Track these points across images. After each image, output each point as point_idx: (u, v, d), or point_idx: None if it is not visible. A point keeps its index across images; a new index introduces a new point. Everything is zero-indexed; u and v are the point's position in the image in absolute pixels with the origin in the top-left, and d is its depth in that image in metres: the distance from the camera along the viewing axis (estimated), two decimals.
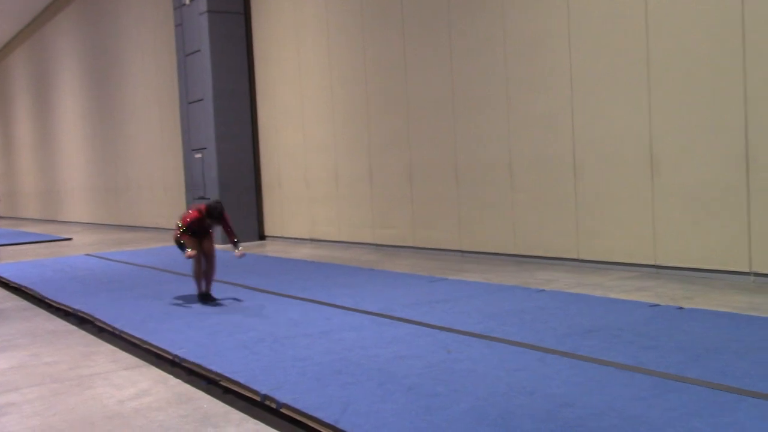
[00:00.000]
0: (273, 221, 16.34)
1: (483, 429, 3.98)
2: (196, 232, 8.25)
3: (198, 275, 8.33)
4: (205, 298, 8.32)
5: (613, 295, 7.56)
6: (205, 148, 16.28)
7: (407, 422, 4.15)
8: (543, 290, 8.01)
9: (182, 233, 8.11)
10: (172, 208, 19.01)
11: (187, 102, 16.95)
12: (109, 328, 7.34)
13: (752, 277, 7.82)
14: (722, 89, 7.95)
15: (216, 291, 8.65)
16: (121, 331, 7.06)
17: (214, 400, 5.11)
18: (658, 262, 8.69)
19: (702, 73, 8.12)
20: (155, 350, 6.37)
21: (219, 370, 5.41)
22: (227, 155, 16.01)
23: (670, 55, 8.40)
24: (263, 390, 4.87)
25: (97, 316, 7.76)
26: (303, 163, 15.03)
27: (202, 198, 16.16)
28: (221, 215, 8.15)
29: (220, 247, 10.70)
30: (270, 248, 14.75)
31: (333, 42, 13.85)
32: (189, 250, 7.95)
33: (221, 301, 8.29)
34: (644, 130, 8.71)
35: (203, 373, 5.57)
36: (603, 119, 9.18)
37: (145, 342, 6.57)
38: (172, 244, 11.38)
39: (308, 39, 14.54)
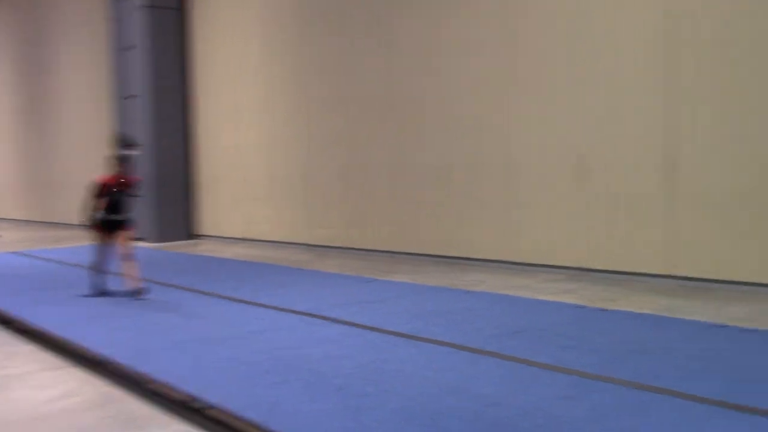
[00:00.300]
0: (208, 220, 16.14)
1: (412, 429, 4.05)
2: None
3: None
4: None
5: (539, 297, 7.74)
6: (138, 145, 15.93)
7: (336, 422, 4.18)
8: (471, 291, 8.15)
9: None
10: None
11: (121, 98, 16.57)
12: (33, 329, 7.14)
13: (674, 280, 8.12)
14: (646, 100, 8.23)
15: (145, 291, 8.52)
16: (45, 331, 6.88)
17: (142, 401, 5.03)
18: (584, 265, 8.94)
19: (627, 82, 8.40)
20: (81, 351, 6.23)
21: (146, 371, 5.33)
22: (161, 153, 15.72)
23: (598, 63, 8.66)
24: (191, 391, 4.83)
25: (20, 316, 7.54)
26: (240, 161, 14.88)
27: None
28: None
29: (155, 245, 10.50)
30: (203, 247, 14.56)
31: (273, 40, 13.76)
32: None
33: (150, 301, 8.16)
34: (575, 135, 8.94)
35: (130, 374, 5.48)
36: (536, 123, 9.38)
37: (70, 342, 6.42)
38: None
39: (248, 37, 14.40)
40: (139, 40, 15.70)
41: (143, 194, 14.45)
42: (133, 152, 8.08)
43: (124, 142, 8.16)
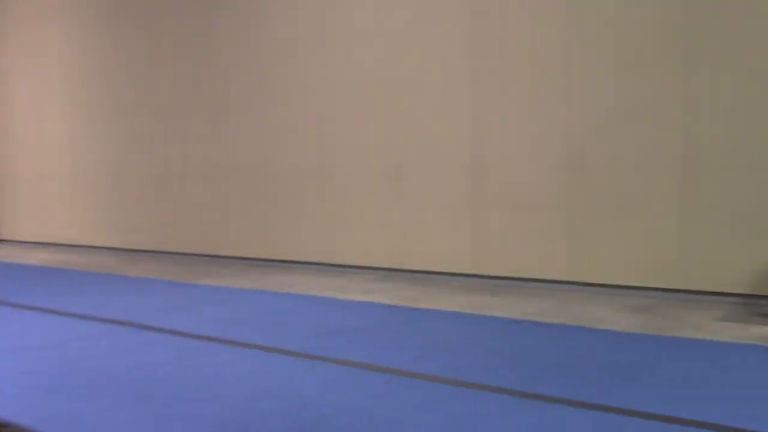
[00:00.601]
0: (7, 224, 14.93)
1: None
2: None
3: None
4: None
5: (354, 297, 7.87)
6: None
7: None
8: (287, 293, 8.13)
9: None
10: None
11: None
12: None
13: (476, 278, 8.56)
14: (455, 106, 8.62)
15: None
16: None
17: None
18: (398, 266, 9.20)
19: (439, 88, 8.75)
20: None
21: None
22: None
23: (412, 70, 8.95)
24: None
25: None
26: (42, 161, 13.89)
27: None
28: None
29: None
30: (1, 252, 13.45)
31: (78, 35, 12.98)
32: None
33: None
34: (388, 139, 9.18)
35: None
36: (352, 128, 9.53)
37: None
38: None
39: (50, 30, 13.48)
40: None
41: None
42: None
43: None
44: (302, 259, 10.10)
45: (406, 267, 9.14)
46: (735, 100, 7.02)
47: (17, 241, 14.71)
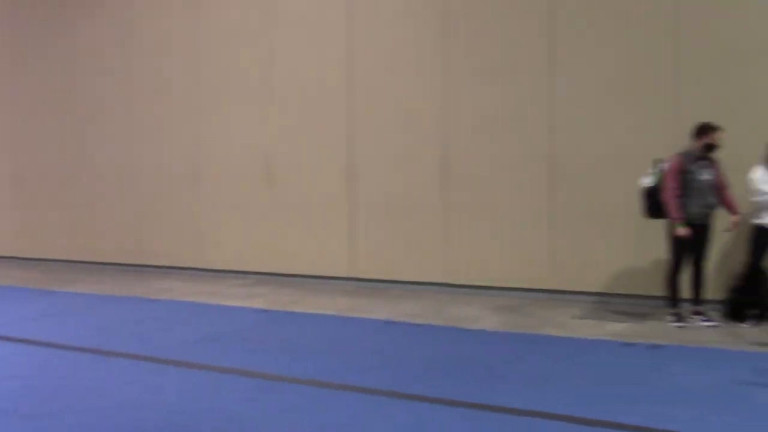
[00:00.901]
0: None
1: None
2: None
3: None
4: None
5: (228, 303, 7.77)
6: None
7: None
8: (159, 300, 7.93)
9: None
10: None
11: None
12: None
13: (352, 282, 8.64)
14: (333, 110, 8.67)
15: None
16: None
17: None
18: (273, 269, 9.15)
19: (316, 94, 8.78)
20: None
21: None
22: None
23: (288, 74, 8.94)
24: None
25: None
26: None
27: None
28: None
29: None
30: None
31: None
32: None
33: None
34: (263, 143, 9.12)
35: None
36: (224, 130, 9.40)
37: None
38: None
39: None
40: None
41: None
42: None
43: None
44: (177, 265, 9.87)
45: (282, 271, 9.10)
46: (592, 108, 7.42)
47: None
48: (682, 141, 6.60)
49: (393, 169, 8.39)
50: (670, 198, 6.33)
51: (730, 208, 6.41)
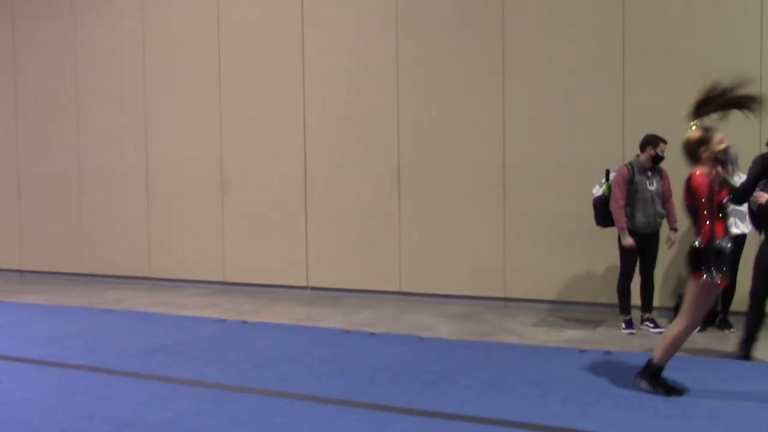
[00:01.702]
0: None
1: None
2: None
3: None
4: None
5: (183, 312, 7.68)
6: None
7: None
8: (111, 310, 7.81)
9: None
10: None
11: None
12: None
13: (308, 291, 8.62)
14: (287, 118, 8.65)
15: None
16: None
17: None
18: (227, 279, 9.07)
19: (269, 101, 8.76)
20: None
21: None
22: None
23: (240, 80, 8.90)
24: None
25: None
26: None
27: None
28: None
29: None
30: None
31: None
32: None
33: None
34: (215, 150, 9.05)
35: None
36: (175, 137, 9.30)
37: None
38: None
39: None
40: None
41: None
42: None
43: None
44: (129, 274, 9.71)
45: (237, 280, 9.03)
46: (543, 117, 7.54)
47: None
48: (633, 151, 6.74)
49: (348, 177, 8.40)
50: (616, 208, 6.46)
51: (669, 221, 6.59)
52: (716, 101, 4.70)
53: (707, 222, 4.63)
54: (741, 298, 6.09)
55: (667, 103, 6.95)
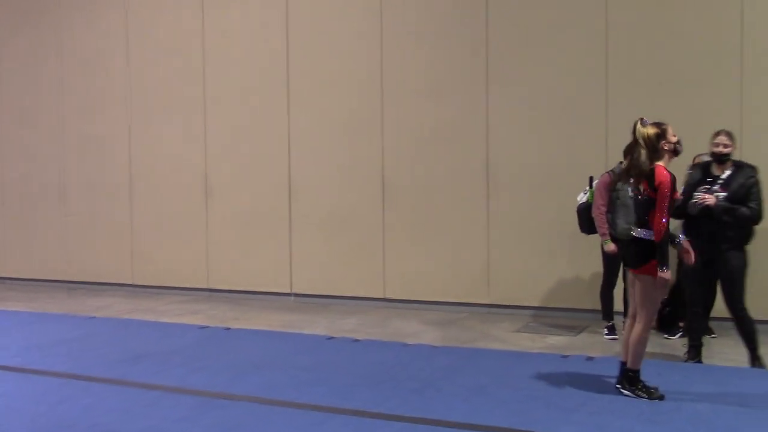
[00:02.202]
0: None
1: None
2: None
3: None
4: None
5: (166, 320, 7.65)
6: None
7: None
8: (94, 317, 7.76)
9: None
10: None
11: None
12: None
13: (292, 297, 8.61)
14: (271, 125, 8.65)
15: None
16: None
17: None
18: (211, 286, 9.04)
19: (254, 108, 8.75)
20: None
21: None
22: None
23: (225, 87, 8.89)
24: None
25: None
26: None
27: None
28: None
29: None
30: None
31: None
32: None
33: None
34: (200, 157, 9.03)
35: None
36: (159, 145, 9.28)
37: None
38: None
39: None
40: None
41: None
42: None
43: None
44: (112, 282, 9.65)
45: (221, 287, 9.00)
46: (527, 126, 7.58)
47: None
48: (616, 159, 6.79)
49: (332, 184, 8.40)
50: (597, 215, 6.50)
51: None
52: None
53: (664, 218, 4.68)
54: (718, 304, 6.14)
55: (650, 111, 6.99)
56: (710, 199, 5.45)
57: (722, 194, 5.46)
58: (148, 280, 9.43)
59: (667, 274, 4.67)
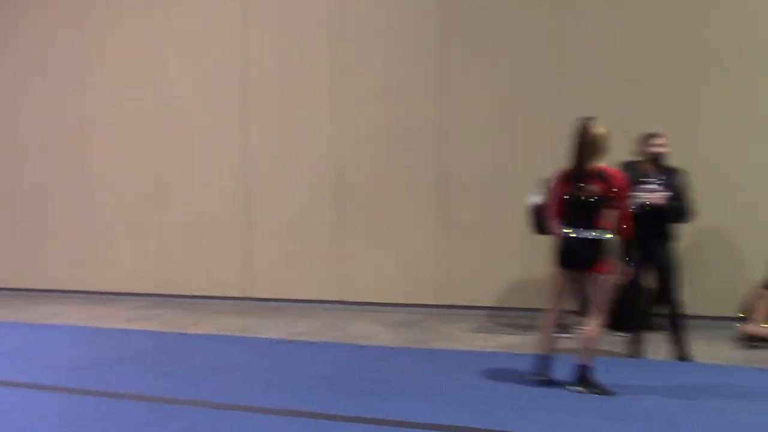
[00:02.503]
0: None
1: None
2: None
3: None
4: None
5: (120, 326, 7.54)
6: None
7: None
8: (45, 325, 7.62)
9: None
10: None
11: None
12: None
13: (250, 302, 8.57)
14: (228, 131, 8.61)
15: None
16: None
17: None
18: (165, 291, 8.95)
19: (209, 111, 8.69)
20: None
21: None
22: None
23: (180, 91, 8.81)
24: None
25: None
26: None
27: None
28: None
29: None
30: None
31: None
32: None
33: None
34: (155, 162, 8.94)
35: None
36: (113, 149, 9.16)
37: None
38: None
39: None
40: None
41: None
42: None
43: None
44: (65, 288, 9.48)
45: (177, 293, 8.92)
46: (480, 128, 7.69)
47: None
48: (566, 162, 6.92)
49: (288, 188, 8.40)
50: (551, 215, 6.60)
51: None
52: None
53: (628, 217, 4.83)
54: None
55: (600, 113, 7.15)
56: (658, 198, 5.62)
57: (667, 193, 5.65)
58: (103, 286, 9.30)
59: (628, 270, 4.81)
